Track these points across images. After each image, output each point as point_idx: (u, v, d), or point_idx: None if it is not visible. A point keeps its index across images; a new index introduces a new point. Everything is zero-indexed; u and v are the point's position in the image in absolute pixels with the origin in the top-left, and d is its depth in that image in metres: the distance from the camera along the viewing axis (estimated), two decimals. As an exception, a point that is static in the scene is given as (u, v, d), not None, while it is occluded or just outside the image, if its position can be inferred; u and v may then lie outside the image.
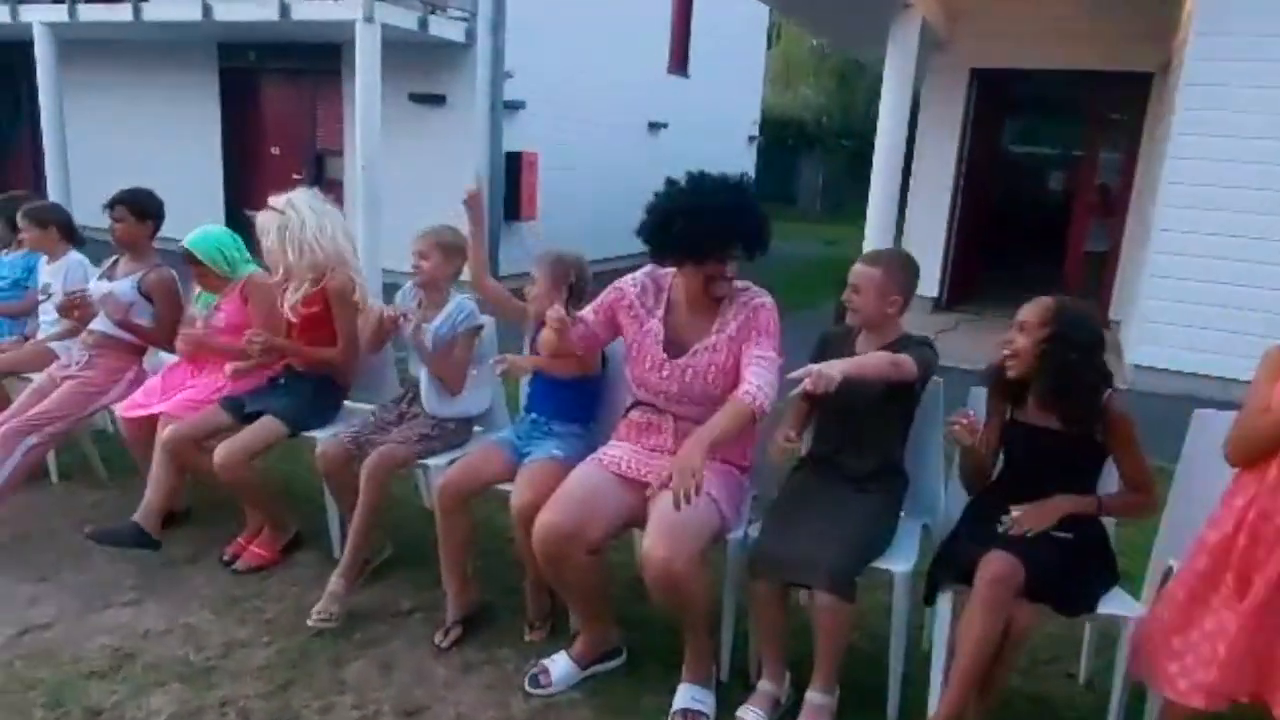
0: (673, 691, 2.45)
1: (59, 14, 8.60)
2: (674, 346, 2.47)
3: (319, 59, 9.13)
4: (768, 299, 2.48)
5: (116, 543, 3.09)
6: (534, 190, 9.09)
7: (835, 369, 2.19)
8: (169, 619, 2.83)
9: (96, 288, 3.61)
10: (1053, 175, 13.61)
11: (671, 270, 2.52)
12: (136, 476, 3.82)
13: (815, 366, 2.19)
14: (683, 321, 2.49)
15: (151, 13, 8.21)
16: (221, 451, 2.97)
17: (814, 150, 18.74)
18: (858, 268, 2.51)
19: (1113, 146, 8.58)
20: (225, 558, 3.20)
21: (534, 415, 2.85)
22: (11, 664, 2.57)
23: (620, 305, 2.55)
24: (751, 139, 15.02)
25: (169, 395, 3.35)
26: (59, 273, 3.92)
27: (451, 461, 2.85)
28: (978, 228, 8.86)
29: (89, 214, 9.83)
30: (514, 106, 8.86)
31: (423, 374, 3.00)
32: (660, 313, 2.51)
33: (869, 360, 2.32)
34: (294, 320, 3.21)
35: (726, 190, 2.36)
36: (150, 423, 3.32)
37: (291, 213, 3.16)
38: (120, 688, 2.48)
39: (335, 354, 3.21)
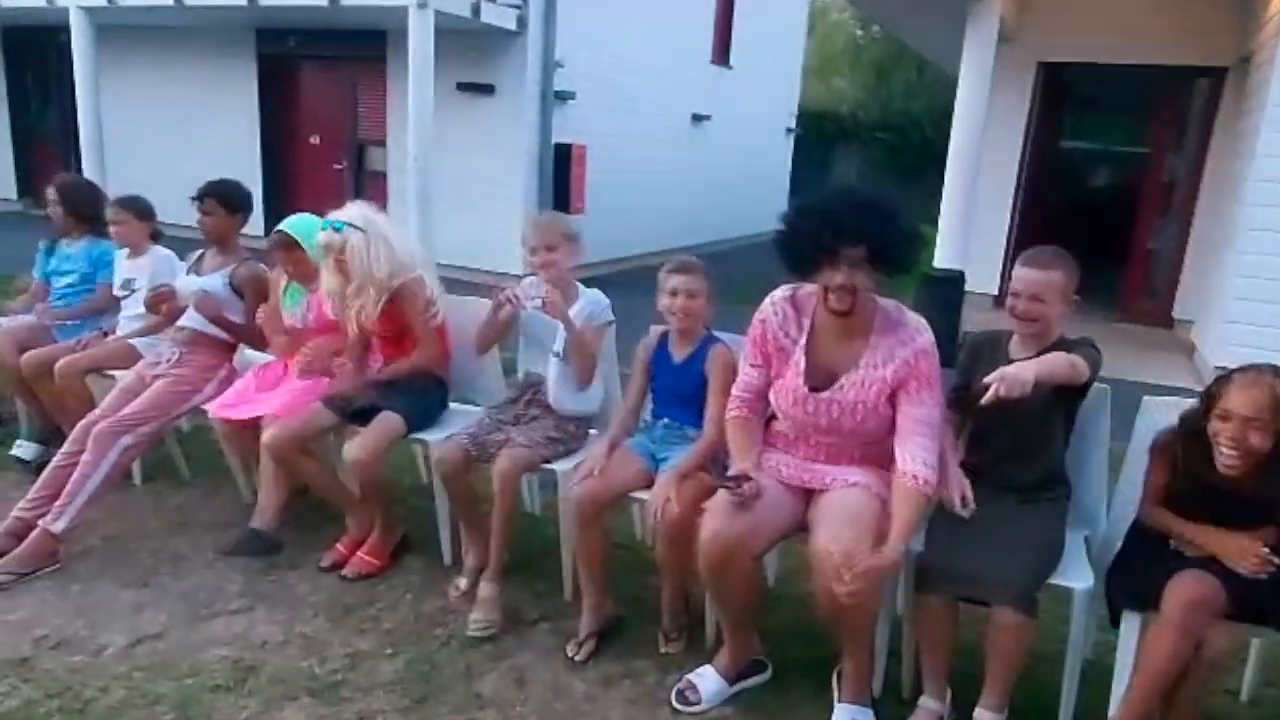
0: (826, 709, 2.34)
1: None
2: (818, 377, 2.30)
3: (362, 46, 8.99)
4: (927, 336, 2.25)
5: (248, 553, 3.00)
6: (583, 183, 8.94)
7: (1028, 372, 2.05)
8: (284, 629, 2.71)
9: (186, 283, 3.49)
10: (1115, 172, 13.35)
11: (815, 289, 2.32)
12: (222, 475, 3.76)
13: (1006, 370, 2.06)
14: (828, 349, 2.31)
15: (195, -2, 8.09)
16: (358, 450, 2.84)
17: (850, 144, 18.49)
18: (1032, 274, 2.31)
19: (1179, 143, 8.36)
20: (325, 564, 3.08)
21: (666, 420, 2.71)
22: (130, 676, 2.46)
23: (766, 339, 2.38)
24: (789, 131, 14.83)
25: (264, 395, 3.23)
26: (145, 268, 3.80)
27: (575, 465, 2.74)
28: (1039, 224, 8.67)
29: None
30: (563, 97, 8.71)
31: (552, 368, 2.85)
32: (803, 341, 2.33)
33: (1054, 362, 2.17)
34: (375, 335, 3.12)
35: (843, 191, 2.23)
36: (245, 423, 3.22)
37: (350, 232, 3.01)
38: (249, 702, 2.36)
39: (418, 359, 3.09)
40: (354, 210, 3.03)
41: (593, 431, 3.05)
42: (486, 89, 8.43)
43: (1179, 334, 7.75)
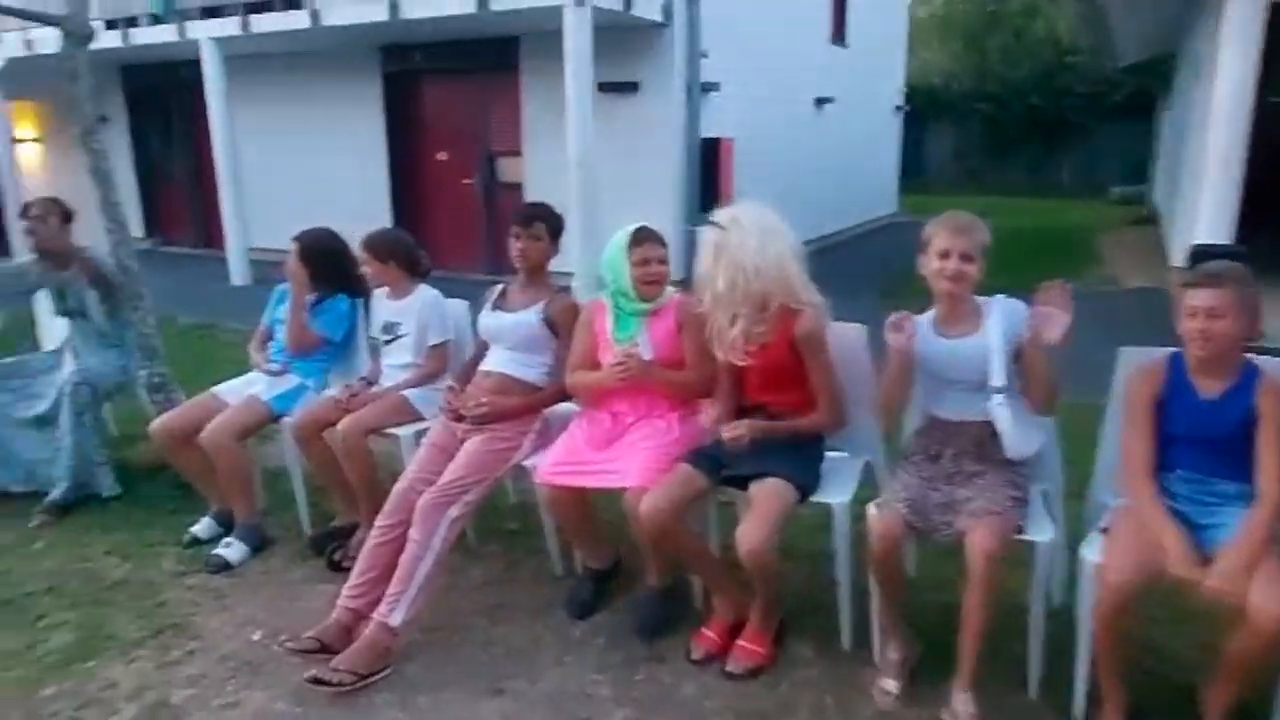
0: None
1: (231, 28, 8.21)
2: None
3: (493, 56, 8.58)
4: None
5: (655, 633, 2.70)
6: (731, 178, 8.42)
7: None
8: (703, 750, 2.23)
9: (492, 320, 3.04)
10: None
11: None
12: (509, 540, 3.33)
13: None
14: None
15: (331, 17, 7.73)
16: (749, 537, 2.33)
17: (942, 119, 17.68)
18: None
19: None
20: (697, 656, 2.59)
21: (1182, 471, 2.16)
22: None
23: None
24: (898, 109, 14.11)
25: (600, 455, 2.75)
26: (410, 311, 3.37)
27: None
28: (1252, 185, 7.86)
29: (260, 234, 9.58)
30: (708, 89, 8.18)
31: (998, 408, 2.29)
32: None
33: None
34: (740, 363, 2.59)
35: None
36: (577, 491, 2.76)
37: (734, 230, 2.53)
38: None
39: (818, 419, 2.58)
40: (744, 207, 2.55)
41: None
42: (630, 87, 7.95)
43: None
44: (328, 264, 3.52)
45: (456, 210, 9.29)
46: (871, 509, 2.34)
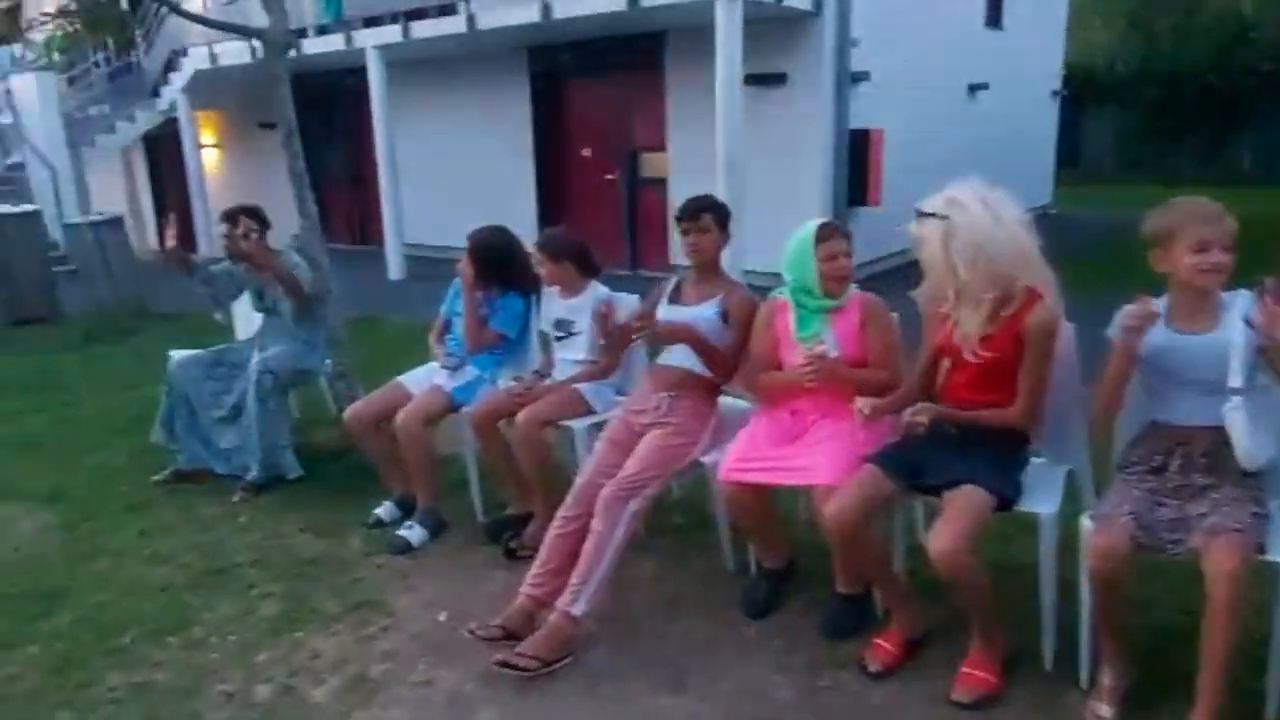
0: None
1: (393, 35, 8.62)
2: None
3: (638, 53, 8.66)
4: None
5: (839, 638, 2.66)
6: (880, 172, 8.17)
7: None
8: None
9: (670, 314, 3.05)
10: None
11: None
12: (676, 535, 3.34)
13: None
14: None
15: (486, 20, 7.99)
16: (941, 538, 2.23)
17: (1103, 102, 16.56)
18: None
19: None
20: (873, 668, 2.49)
21: None
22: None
23: None
24: (1055, 94, 13.33)
25: (781, 452, 2.72)
26: (582, 307, 3.43)
27: None
28: None
29: (413, 231, 10.01)
30: (858, 78, 7.96)
31: (1237, 412, 2.08)
32: None
33: None
34: (969, 360, 2.47)
35: None
36: (758, 488, 2.73)
37: (957, 213, 2.41)
38: None
39: (1009, 415, 2.43)
40: (961, 187, 2.41)
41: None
42: (777, 79, 7.83)
43: None
44: (499, 262, 3.63)
45: (599, 205, 9.44)
46: (1086, 522, 2.20)
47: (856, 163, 8.04)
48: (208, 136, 13.19)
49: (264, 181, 12.78)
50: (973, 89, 10.44)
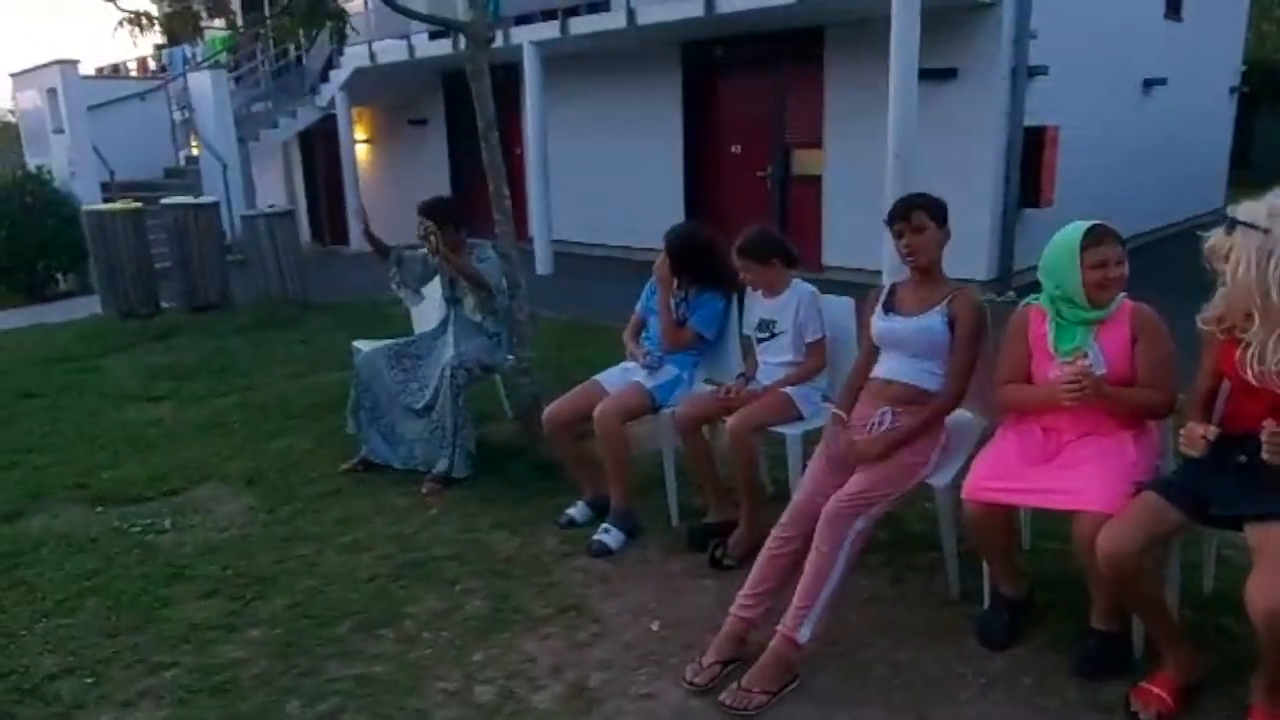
0: None
1: (550, 31, 8.67)
2: None
3: (796, 46, 8.42)
4: None
5: (1096, 679, 2.37)
6: (1054, 171, 7.67)
7: None
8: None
9: (890, 326, 2.84)
10: None
11: None
12: (914, 560, 3.11)
13: None
14: None
15: (646, 15, 7.93)
16: (1274, 591, 1.96)
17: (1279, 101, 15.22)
18: None
19: None
20: (1145, 716, 2.24)
21: None
22: None
23: None
24: (1233, 90, 12.31)
25: (1037, 470, 2.48)
26: (785, 308, 3.26)
27: None
28: None
29: (565, 229, 10.07)
30: (1035, 73, 7.49)
31: None
32: None
33: None
34: (1259, 386, 2.18)
35: None
36: (1003, 509, 2.51)
37: (1246, 234, 2.13)
38: None
39: None
40: (1254, 205, 2.15)
41: None
42: (948, 74, 7.45)
43: None
44: (697, 259, 3.50)
45: (747, 203, 9.24)
46: None
47: (1029, 162, 7.56)
48: (360, 132, 13.68)
49: (410, 175, 13.21)
50: (1148, 84, 9.71)
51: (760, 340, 3.36)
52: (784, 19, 7.72)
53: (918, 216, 2.76)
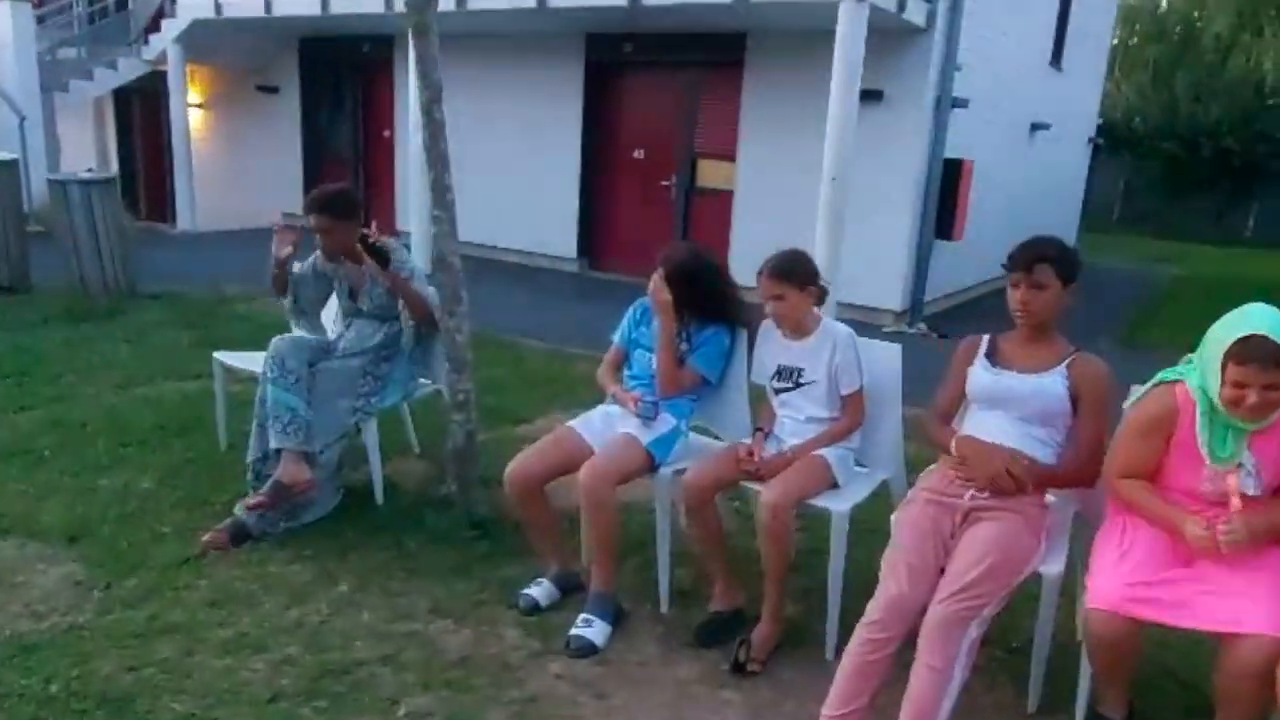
0: None
1: (444, 3, 7.70)
2: None
3: (714, 49, 7.93)
4: None
5: None
6: (967, 204, 7.60)
7: None
8: None
9: (992, 380, 2.32)
10: None
11: None
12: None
13: None
14: None
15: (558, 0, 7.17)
16: None
17: (1116, 153, 16.44)
18: None
19: None
20: None
21: None
22: None
23: None
24: (1089, 140, 13.03)
25: (1185, 575, 2.02)
26: (813, 354, 2.68)
27: None
28: None
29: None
30: (958, 104, 7.37)
31: None
32: None
33: None
34: None
35: None
36: (1138, 624, 2.03)
37: None
38: None
39: None
40: None
41: None
42: (873, 96, 7.17)
43: None
44: (701, 287, 2.86)
45: (648, 213, 8.67)
46: None
47: (945, 194, 7.44)
48: (195, 95, 12.00)
49: (256, 149, 11.70)
50: (1034, 127, 9.98)
51: (781, 391, 2.75)
52: (711, 21, 7.20)
53: (1042, 271, 2.27)
